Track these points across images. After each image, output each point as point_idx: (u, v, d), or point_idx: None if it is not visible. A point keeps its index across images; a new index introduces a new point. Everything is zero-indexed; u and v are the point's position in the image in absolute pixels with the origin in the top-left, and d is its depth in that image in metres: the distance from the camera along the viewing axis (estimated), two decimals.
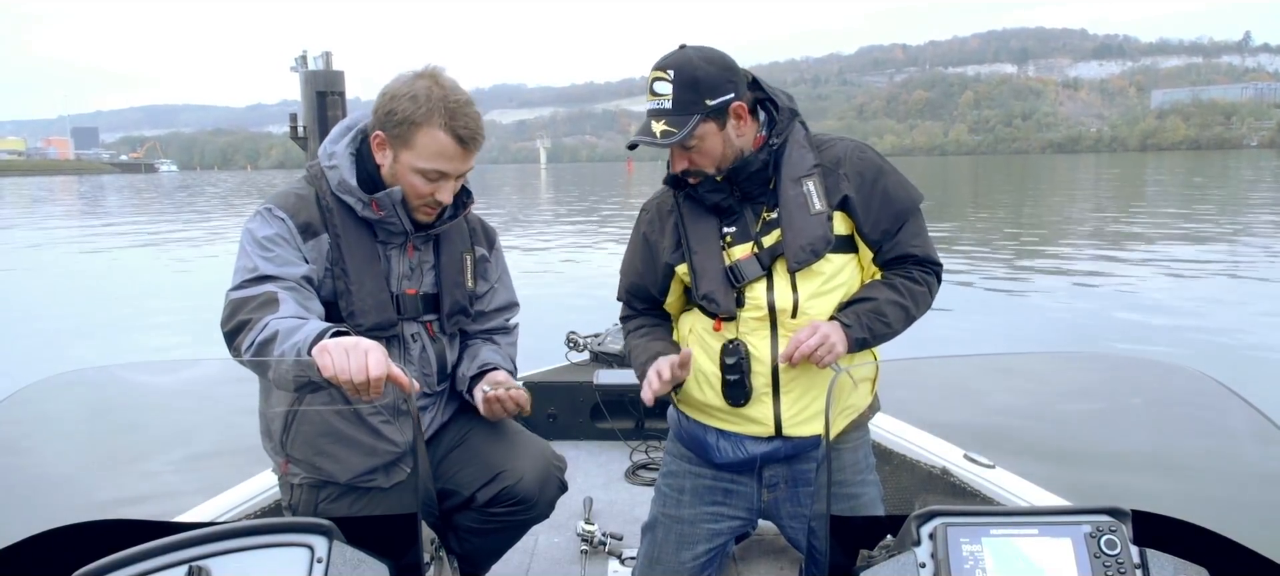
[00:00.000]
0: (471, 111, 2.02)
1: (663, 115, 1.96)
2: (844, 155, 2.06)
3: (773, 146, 2.04)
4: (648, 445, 3.99)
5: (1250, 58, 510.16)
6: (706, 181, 2.03)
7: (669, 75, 1.96)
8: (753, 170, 2.02)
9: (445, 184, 2.05)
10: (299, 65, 48.26)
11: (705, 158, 2.00)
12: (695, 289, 2.06)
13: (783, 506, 2.21)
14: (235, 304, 1.85)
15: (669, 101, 1.95)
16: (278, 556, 1.30)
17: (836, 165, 2.05)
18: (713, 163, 2.01)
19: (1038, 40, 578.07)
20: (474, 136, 2.02)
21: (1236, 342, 9.46)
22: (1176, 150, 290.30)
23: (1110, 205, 33.58)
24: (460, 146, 2.01)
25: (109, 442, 1.97)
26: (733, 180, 2.03)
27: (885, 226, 2.05)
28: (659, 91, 1.97)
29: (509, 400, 2.13)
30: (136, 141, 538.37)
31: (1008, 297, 13.02)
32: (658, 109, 1.97)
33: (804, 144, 2.08)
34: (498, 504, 2.25)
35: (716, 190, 2.04)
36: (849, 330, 1.96)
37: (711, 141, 1.98)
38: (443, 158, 2.00)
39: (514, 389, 2.14)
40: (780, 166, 2.05)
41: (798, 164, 2.04)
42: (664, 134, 1.95)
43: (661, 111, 1.96)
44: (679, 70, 1.96)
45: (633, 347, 2.22)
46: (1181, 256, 16.61)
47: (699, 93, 1.95)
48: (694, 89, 1.94)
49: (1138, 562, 1.30)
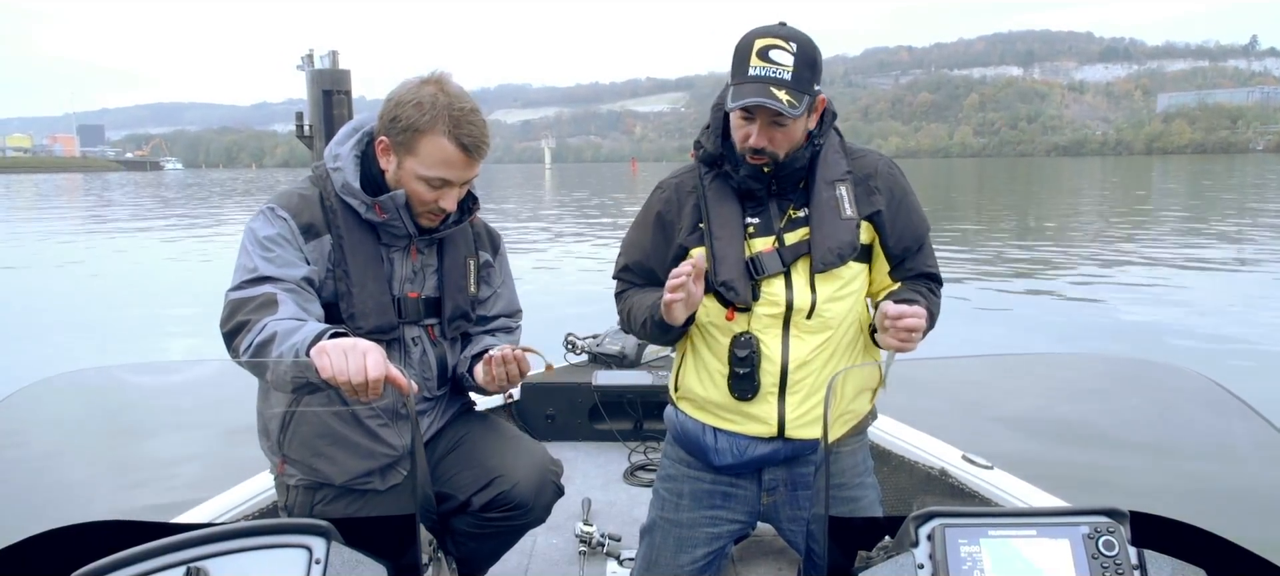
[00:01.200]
0: (477, 120, 2.00)
1: (784, 85, 1.89)
2: (876, 169, 2.08)
3: (817, 147, 2.04)
4: (646, 446, 3.99)
5: (1257, 61, 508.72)
6: (749, 166, 2.00)
7: (791, 47, 1.91)
8: (798, 166, 2.02)
9: (449, 191, 2.04)
10: (305, 64, 48.29)
11: (788, 140, 1.98)
12: (713, 275, 2.03)
13: (782, 509, 2.21)
14: (234, 304, 1.85)
15: (788, 73, 1.90)
16: (276, 557, 1.30)
17: (868, 177, 2.07)
18: (790, 147, 2.00)
19: (1043, 43, 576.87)
20: (478, 145, 2.01)
21: (1241, 346, 9.44)
22: (1182, 154, 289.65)
23: (1116, 208, 33.50)
24: (464, 155, 2.00)
25: (108, 443, 1.97)
26: (777, 173, 2.02)
27: (907, 243, 2.09)
28: (777, 60, 1.90)
29: (512, 361, 2.06)
30: (142, 139, 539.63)
31: (1008, 298, 13.00)
32: (775, 77, 1.90)
33: (838, 149, 2.10)
34: (493, 509, 2.24)
35: (757, 177, 2.02)
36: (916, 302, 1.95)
37: (799, 125, 1.98)
38: (446, 166, 1.99)
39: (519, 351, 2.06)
40: (815, 168, 2.05)
41: (833, 167, 2.06)
42: (790, 104, 1.88)
43: (782, 81, 1.90)
44: (803, 45, 1.92)
45: (633, 303, 2.17)
46: (1185, 258, 16.58)
47: (813, 74, 1.93)
48: (812, 69, 1.93)
49: (1136, 563, 1.30)
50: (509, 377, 2.09)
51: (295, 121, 49.71)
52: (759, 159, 1.99)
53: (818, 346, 2.03)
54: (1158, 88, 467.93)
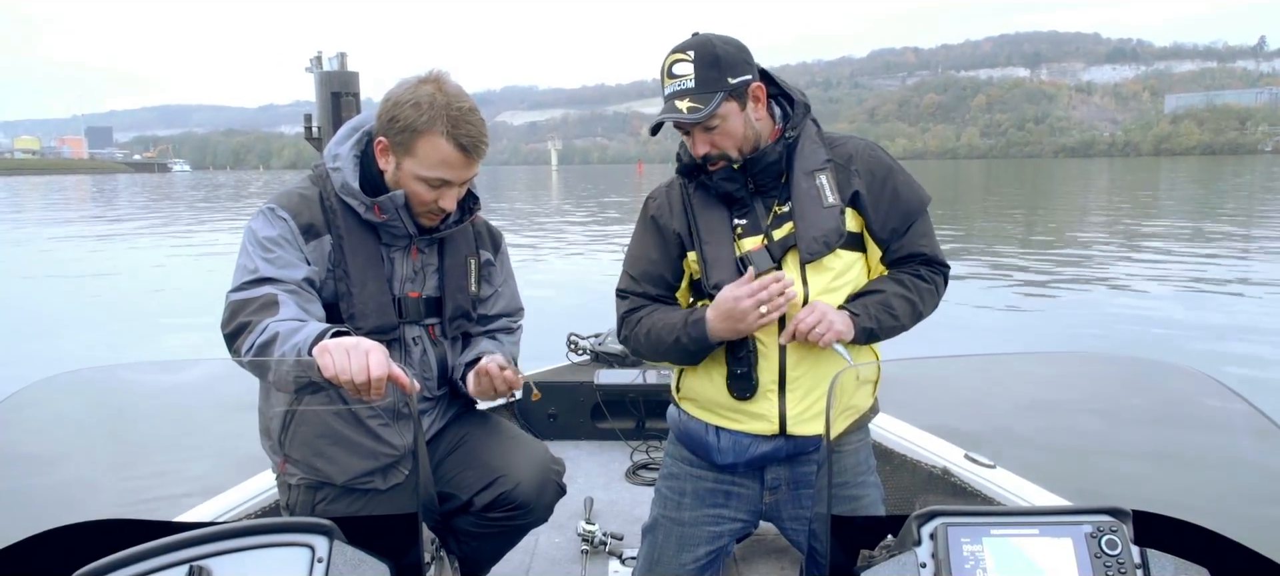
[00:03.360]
0: (475, 119, 1.99)
1: (686, 94, 1.95)
2: (855, 152, 2.09)
3: (789, 139, 2.05)
4: (648, 445, 3.99)
5: (1265, 62, 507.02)
6: (723, 170, 2.02)
7: (689, 55, 1.96)
8: (769, 160, 2.03)
9: (449, 191, 2.04)
10: (314, 66, 48.30)
11: (728, 138, 2.00)
12: (705, 279, 2.05)
13: (784, 508, 2.21)
14: (235, 306, 1.85)
15: (691, 81, 1.95)
16: (278, 556, 1.30)
17: (848, 161, 2.07)
18: (735, 144, 2.01)
19: (1051, 44, 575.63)
20: (476, 144, 2.00)
21: (1245, 345, 9.40)
22: (1190, 155, 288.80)
23: (1122, 209, 33.40)
24: (463, 155, 1.99)
25: (110, 442, 1.97)
26: (748, 170, 2.03)
27: (894, 224, 2.07)
28: (679, 72, 1.96)
29: (499, 379, 2.06)
30: (149, 141, 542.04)
31: (1012, 298, 12.97)
32: (680, 89, 1.96)
33: (816, 140, 2.10)
34: (495, 508, 2.24)
35: (731, 179, 2.03)
36: (856, 319, 1.97)
37: (734, 121, 1.99)
38: (445, 166, 1.99)
39: (508, 370, 2.07)
40: (793, 160, 2.06)
41: (810, 158, 2.06)
42: (691, 110, 1.94)
43: (685, 91, 1.96)
44: (700, 50, 1.96)
45: (654, 323, 2.11)
46: (1190, 260, 16.53)
47: (721, 70, 1.95)
48: (716, 67, 1.95)
49: (1138, 563, 1.29)
50: (496, 391, 2.11)
51: (304, 123, 49.71)
52: (717, 164, 2.03)
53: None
54: (1165, 89, 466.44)
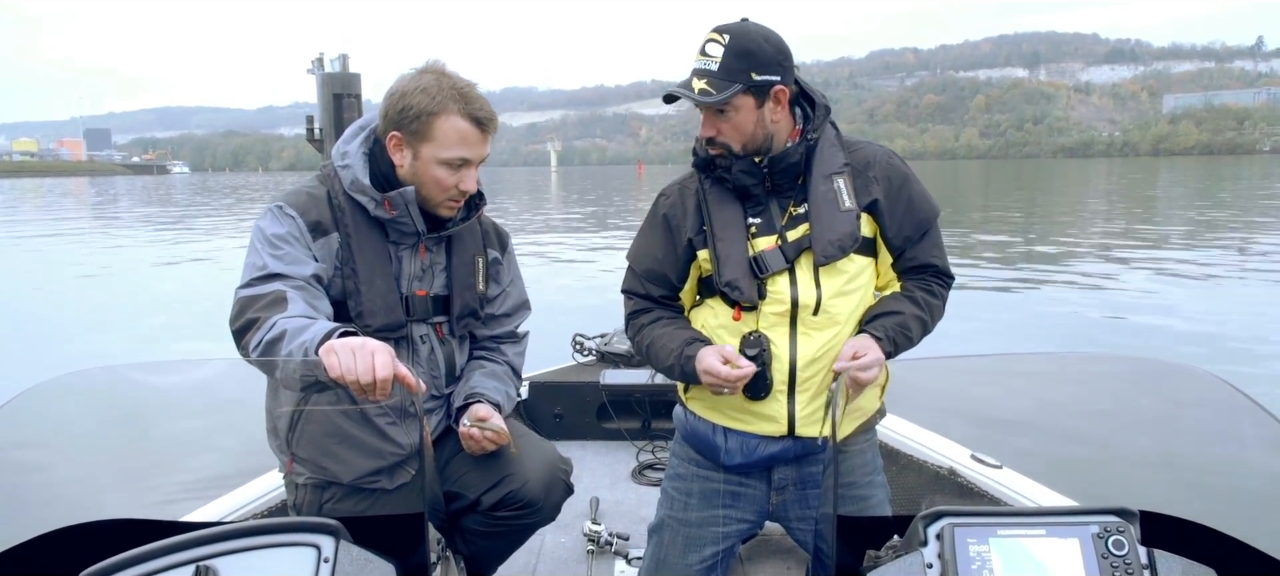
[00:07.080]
0: (482, 96, 2.06)
1: (706, 75, 1.95)
2: (873, 159, 2.08)
3: (810, 141, 2.05)
4: (654, 445, 3.99)
5: (1263, 62, 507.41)
6: (743, 161, 2.01)
7: (724, 39, 1.95)
8: (791, 161, 2.02)
9: (469, 172, 2.07)
10: (316, 67, 48.28)
11: (735, 130, 1.99)
12: (717, 276, 2.04)
13: (791, 509, 2.21)
14: (244, 302, 1.86)
15: (716, 64, 1.94)
16: (284, 556, 1.30)
17: (866, 167, 2.07)
18: (741, 139, 2.00)
19: (1050, 44, 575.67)
20: (490, 118, 2.06)
21: (1251, 346, 9.40)
22: (1189, 155, 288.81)
23: (1122, 209, 33.42)
24: (479, 129, 2.04)
25: (116, 442, 1.98)
26: (769, 168, 2.03)
27: (908, 233, 2.08)
28: (709, 52, 1.95)
29: (484, 439, 2.15)
30: (148, 143, 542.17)
31: (1016, 298, 12.98)
32: (702, 68, 1.96)
33: (835, 143, 2.09)
34: (503, 507, 2.24)
35: (750, 173, 2.02)
36: (880, 342, 1.97)
37: (745, 115, 1.98)
38: (464, 143, 2.02)
39: (489, 432, 2.16)
40: (812, 163, 2.05)
41: (829, 161, 2.05)
42: (701, 92, 1.94)
43: (706, 71, 1.95)
44: (735, 37, 1.95)
45: (656, 338, 2.15)
46: (1193, 261, 16.53)
47: (748, 64, 1.94)
48: (744, 58, 1.94)
49: (1145, 563, 1.30)
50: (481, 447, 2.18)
51: (306, 125, 49.67)
52: (715, 149, 2.03)
53: (825, 343, 2.02)
54: (1164, 89, 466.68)
